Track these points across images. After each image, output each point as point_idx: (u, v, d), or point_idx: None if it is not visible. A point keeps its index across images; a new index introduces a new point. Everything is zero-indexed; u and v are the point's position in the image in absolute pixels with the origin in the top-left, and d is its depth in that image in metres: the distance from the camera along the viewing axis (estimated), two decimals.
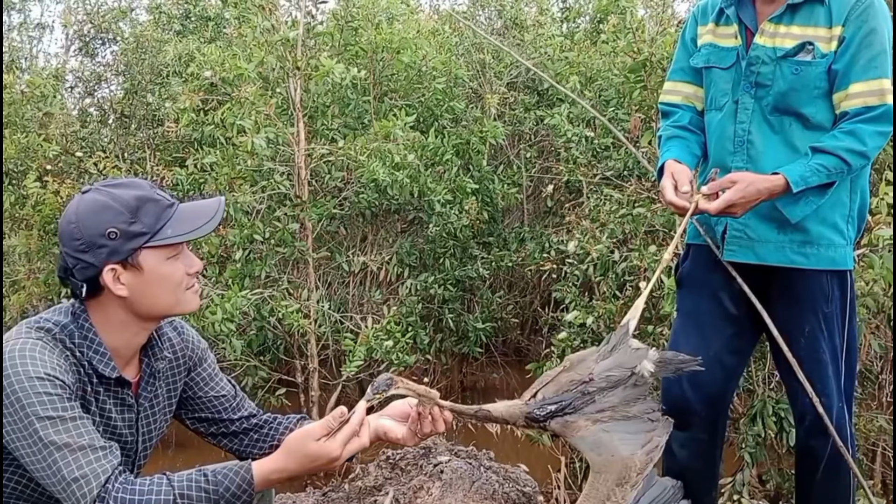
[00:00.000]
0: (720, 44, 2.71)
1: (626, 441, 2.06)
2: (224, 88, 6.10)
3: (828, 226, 2.59)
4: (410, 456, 3.60)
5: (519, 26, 8.61)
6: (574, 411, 2.08)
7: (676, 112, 2.87)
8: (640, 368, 2.19)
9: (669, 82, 2.94)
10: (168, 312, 1.98)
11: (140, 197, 1.88)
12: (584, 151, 6.52)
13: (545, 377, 2.19)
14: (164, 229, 1.89)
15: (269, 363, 6.42)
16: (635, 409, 2.13)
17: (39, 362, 1.79)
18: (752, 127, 2.61)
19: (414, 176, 6.24)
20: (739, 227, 2.64)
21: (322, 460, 1.84)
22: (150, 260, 1.89)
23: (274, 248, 6.08)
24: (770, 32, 2.58)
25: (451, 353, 7.51)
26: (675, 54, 2.93)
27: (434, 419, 2.02)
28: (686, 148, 2.77)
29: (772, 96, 2.58)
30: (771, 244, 2.61)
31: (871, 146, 2.47)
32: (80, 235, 1.86)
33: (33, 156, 6.94)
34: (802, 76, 2.53)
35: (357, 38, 6.79)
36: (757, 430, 3.99)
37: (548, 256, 6.25)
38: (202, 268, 1.99)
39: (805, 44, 2.53)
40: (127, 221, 1.86)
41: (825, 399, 2.55)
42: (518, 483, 3.44)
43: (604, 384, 2.14)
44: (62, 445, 1.75)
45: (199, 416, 2.20)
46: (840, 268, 2.62)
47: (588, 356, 2.25)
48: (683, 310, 2.87)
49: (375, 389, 1.92)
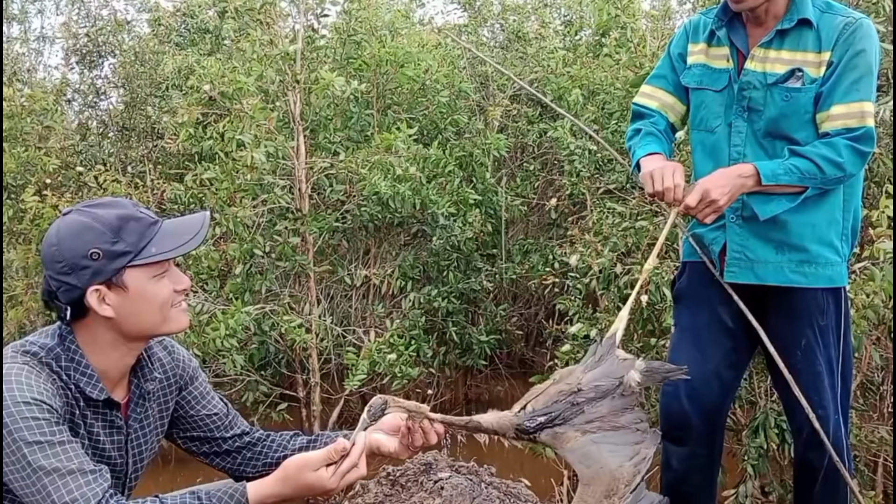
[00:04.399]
0: (712, 65, 2.73)
1: (615, 453, 2.07)
2: (223, 102, 6.09)
3: (825, 244, 2.62)
4: (411, 472, 3.58)
5: (522, 39, 8.62)
6: (563, 422, 2.09)
7: (652, 115, 2.88)
8: (628, 378, 2.19)
9: (648, 86, 2.94)
10: (155, 332, 1.95)
11: (122, 216, 1.86)
12: (588, 164, 6.51)
13: (535, 390, 2.20)
14: (149, 247, 1.86)
15: (270, 378, 6.39)
16: (623, 420, 2.13)
17: (26, 387, 1.77)
18: (747, 150, 2.63)
19: (416, 188, 6.24)
20: (738, 248, 2.66)
21: (318, 491, 1.85)
22: (135, 279, 1.86)
23: (275, 262, 6.07)
24: (760, 58, 2.61)
25: (455, 366, 7.49)
26: (659, 62, 2.94)
27: (425, 431, 2.02)
28: (664, 149, 2.77)
29: (764, 121, 2.60)
30: (770, 265, 2.63)
31: (847, 160, 2.49)
32: (62, 258, 1.84)
33: (32, 169, 6.94)
34: (793, 103, 2.56)
35: (360, 52, 6.80)
36: (759, 441, 3.97)
37: (551, 269, 6.24)
38: (190, 285, 1.96)
39: (794, 70, 2.55)
40: (110, 241, 1.83)
41: (822, 412, 2.56)
42: (519, 498, 3.42)
43: (592, 394, 2.15)
44: (51, 470, 1.73)
45: (191, 434, 2.19)
46: (837, 285, 2.65)
47: (576, 369, 2.26)
48: (681, 325, 2.88)
49: (372, 415, 1.93)
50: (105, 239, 1.83)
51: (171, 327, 1.95)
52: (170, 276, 1.93)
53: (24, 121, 7.38)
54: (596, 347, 2.31)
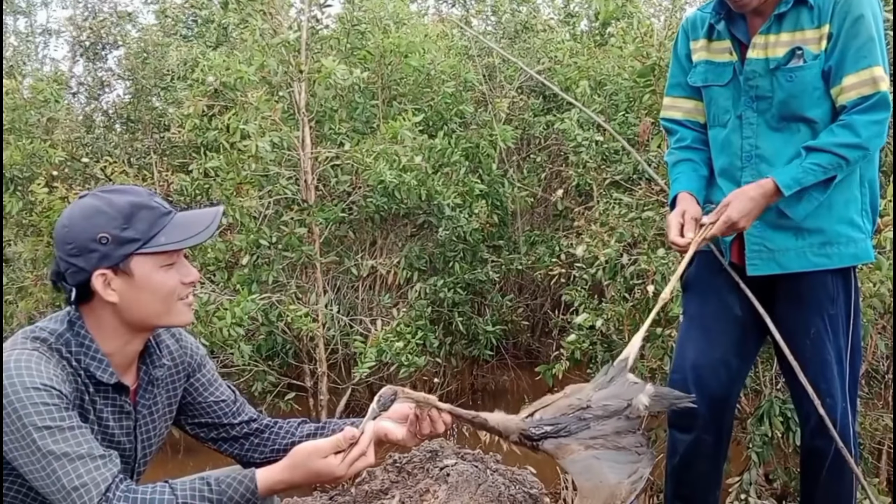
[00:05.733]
0: (715, 60, 2.71)
1: (615, 469, 2.11)
2: (228, 94, 6.10)
3: (845, 223, 2.58)
4: (417, 459, 3.60)
5: (529, 30, 8.60)
6: (568, 434, 2.13)
7: (678, 130, 2.86)
8: (636, 401, 2.24)
9: (668, 97, 2.92)
10: (158, 322, 1.95)
11: (135, 203, 1.87)
12: (594, 155, 6.50)
13: (545, 400, 2.23)
14: (158, 237, 1.86)
15: (278, 368, 6.43)
16: (625, 441, 2.17)
17: (36, 373, 1.79)
18: (759, 141, 2.61)
19: (422, 179, 6.24)
20: (758, 240, 2.63)
21: (327, 478, 1.85)
22: (142, 267, 1.87)
23: (281, 252, 6.09)
24: (761, 45, 2.58)
25: (461, 356, 7.50)
26: (671, 69, 2.92)
27: (433, 420, 2.04)
28: (694, 172, 2.76)
29: (775, 107, 2.57)
30: (791, 252, 2.60)
31: (867, 136, 2.46)
32: (72, 240, 1.85)
33: (39, 162, 6.96)
34: (797, 82, 2.53)
35: (364, 42, 6.78)
36: (764, 429, 3.99)
37: (557, 260, 6.24)
38: (198, 278, 1.95)
39: (794, 49, 2.53)
40: (119, 227, 1.84)
41: (830, 400, 2.55)
42: (525, 485, 3.43)
43: (600, 412, 2.19)
44: (61, 455, 1.75)
45: (199, 421, 2.20)
46: (863, 261, 2.63)
47: (586, 386, 2.30)
48: (689, 313, 2.86)
49: (382, 405, 1.93)
50: (115, 224, 1.84)
51: (174, 320, 1.95)
52: (178, 268, 1.93)
53: (28, 112, 7.39)
54: (608, 368, 2.35)
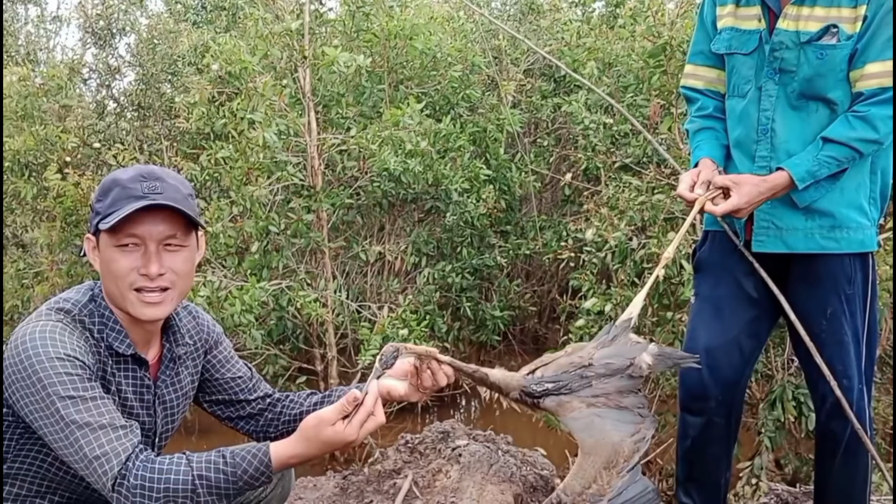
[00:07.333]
0: (742, 27, 2.63)
1: (617, 427, 2.08)
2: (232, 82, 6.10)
3: (854, 208, 2.55)
4: (429, 440, 3.62)
5: (535, 11, 8.57)
6: (570, 392, 2.10)
7: (699, 99, 2.81)
8: (639, 360, 2.21)
9: (690, 65, 2.86)
10: (121, 305, 1.94)
11: (116, 179, 1.91)
12: (603, 139, 6.48)
13: (546, 358, 2.21)
14: (113, 214, 1.86)
15: (289, 352, 6.47)
16: (627, 401, 2.15)
17: (60, 343, 1.83)
18: (776, 115, 2.56)
19: (427, 164, 6.23)
20: (766, 217, 2.60)
21: (339, 445, 1.85)
22: (104, 242, 1.92)
23: (290, 239, 6.10)
24: (793, 16, 2.51)
25: (468, 342, 7.52)
26: (694, 36, 2.85)
27: (434, 372, 2.02)
28: (717, 140, 2.73)
29: (797, 82, 2.52)
30: (799, 231, 2.57)
31: (885, 132, 2.43)
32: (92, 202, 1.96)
33: (52, 148, 6.99)
34: (827, 61, 2.47)
35: (369, 25, 6.76)
36: (776, 414, 3.98)
37: (565, 245, 6.23)
38: (158, 274, 1.90)
39: (829, 26, 2.46)
40: (96, 198, 1.93)
41: (846, 381, 2.53)
42: (535, 466, 3.45)
43: (602, 370, 2.16)
44: (83, 424, 1.78)
45: (217, 398, 2.23)
46: (867, 250, 2.58)
47: (588, 344, 2.28)
48: (702, 294, 2.82)
49: (384, 363, 1.92)
50: (98, 196, 1.93)
51: (133, 311, 1.93)
52: (141, 256, 1.91)
53: (40, 99, 7.42)
54: (610, 327, 2.33)
